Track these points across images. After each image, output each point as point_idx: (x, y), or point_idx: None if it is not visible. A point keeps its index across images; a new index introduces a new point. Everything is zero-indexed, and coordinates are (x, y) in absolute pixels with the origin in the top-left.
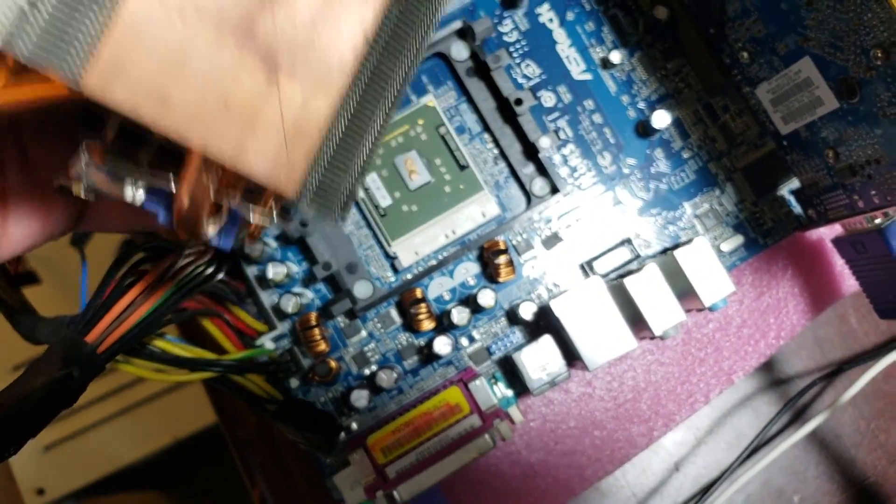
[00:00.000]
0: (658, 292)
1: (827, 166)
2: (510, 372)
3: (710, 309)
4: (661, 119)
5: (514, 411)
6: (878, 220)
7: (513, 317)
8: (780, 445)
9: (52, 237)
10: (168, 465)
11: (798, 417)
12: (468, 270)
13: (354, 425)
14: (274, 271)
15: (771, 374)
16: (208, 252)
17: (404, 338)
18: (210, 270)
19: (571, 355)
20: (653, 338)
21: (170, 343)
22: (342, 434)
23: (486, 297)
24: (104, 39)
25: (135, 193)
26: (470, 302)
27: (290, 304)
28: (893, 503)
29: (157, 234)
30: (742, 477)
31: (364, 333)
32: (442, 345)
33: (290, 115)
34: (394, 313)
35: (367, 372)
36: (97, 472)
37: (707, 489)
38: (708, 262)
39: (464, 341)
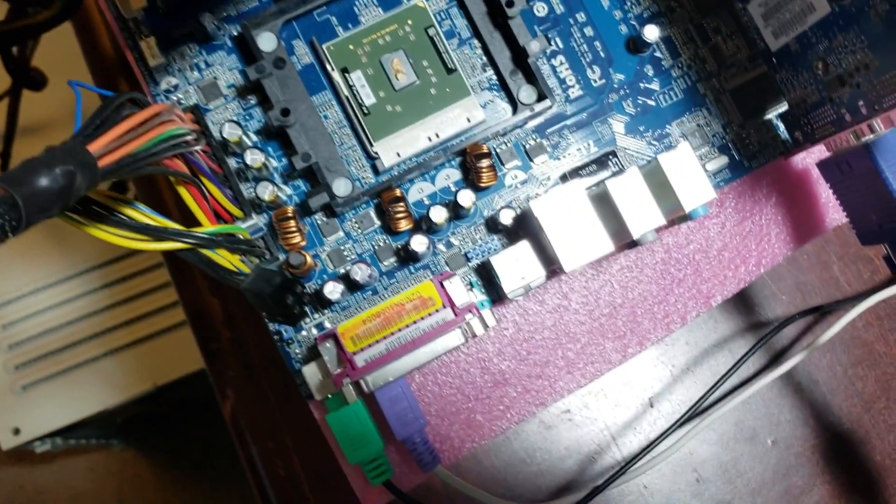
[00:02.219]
0: (638, 195)
1: (816, 80)
2: (487, 280)
3: (690, 216)
4: (652, 32)
5: (487, 314)
6: (866, 137)
7: (492, 225)
8: (754, 384)
9: None
10: (147, 422)
11: (775, 360)
12: (450, 177)
13: (328, 324)
14: (252, 157)
15: (750, 317)
16: (190, 121)
17: (382, 239)
18: (191, 137)
19: (549, 262)
20: (632, 245)
21: (139, 211)
22: (307, 308)
23: (465, 198)
24: None
25: None
26: (449, 207)
27: (266, 192)
28: (867, 450)
29: None
30: (715, 413)
31: (341, 233)
32: (418, 243)
33: None
34: (372, 214)
35: (342, 270)
36: (74, 415)
37: (678, 423)
38: (690, 168)
39: (441, 247)
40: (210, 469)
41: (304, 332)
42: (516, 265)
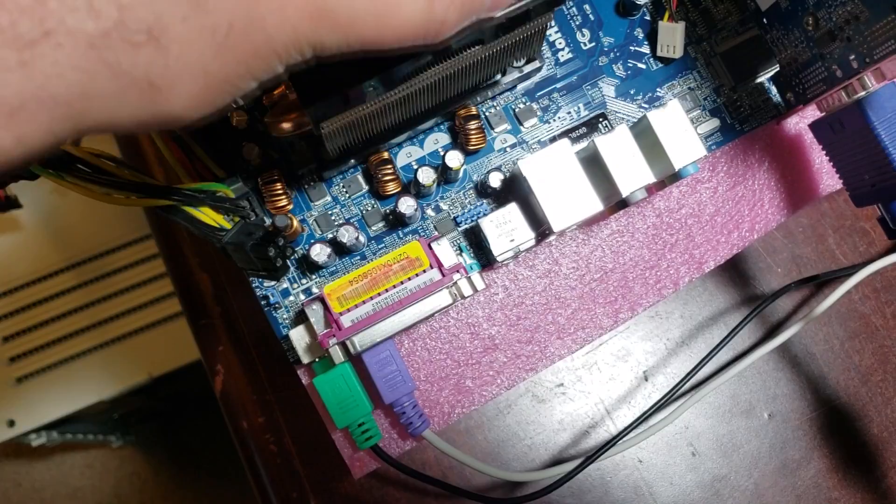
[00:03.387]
0: (628, 153)
1: (807, 37)
2: (476, 245)
3: (680, 174)
4: None
5: (476, 277)
6: (858, 94)
7: (482, 189)
8: (750, 356)
9: None
10: (145, 417)
11: (771, 333)
12: (438, 141)
13: (315, 289)
14: (237, 119)
15: (746, 290)
16: None
17: (370, 204)
18: None
19: (538, 224)
20: (622, 205)
21: (123, 169)
22: (290, 261)
23: (452, 158)
24: None
25: None
26: (438, 170)
27: (253, 153)
28: (864, 423)
29: None
30: (710, 386)
31: (329, 198)
32: (406, 205)
33: None
34: (360, 179)
35: (329, 235)
36: (70, 407)
37: (672, 395)
38: (680, 126)
39: (430, 212)
40: (208, 464)
41: (291, 297)
42: (505, 228)
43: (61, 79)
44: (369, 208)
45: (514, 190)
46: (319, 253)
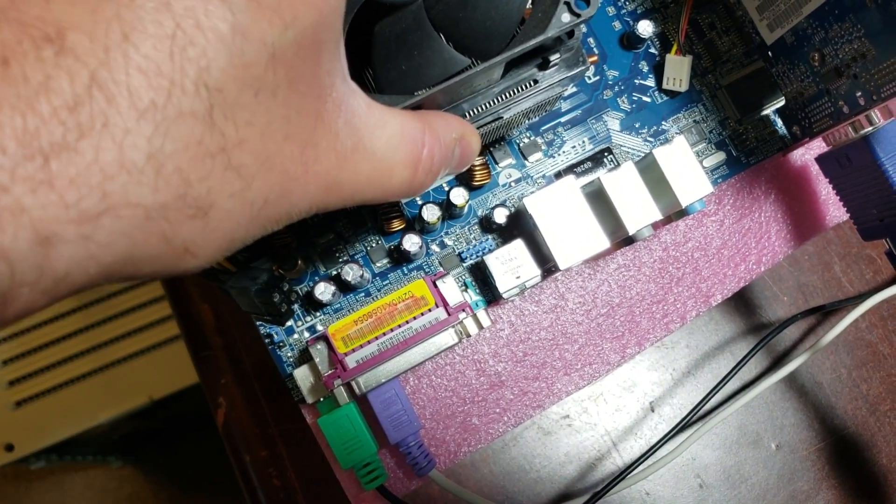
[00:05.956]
0: (634, 190)
1: (812, 72)
2: (482, 280)
3: (687, 211)
4: (646, 28)
5: (481, 314)
6: (865, 130)
7: (486, 225)
8: (757, 386)
9: None
10: (145, 438)
11: (778, 363)
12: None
13: (320, 326)
14: None
15: (752, 319)
16: None
17: (374, 240)
18: None
19: (543, 260)
20: (628, 242)
21: None
22: (295, 307)
23: (457, 196)
24: None
25: None
26: (442, 206)
27: None
28: (873, 453)
29: None
30: (717, 417)
31: (332, 235)
32: (410, 242)
33: None
34: (364, 214)
35: (334, 272)
36: (69, 431)
37: (679, 427)
38: (686, 162)
39: (435, 247)
40: (208, 485)
41: (295, 335)
42: (511, 264)
43: (111, 247)
44: (373, 245)
45: (520, 225)
46: (324, 291)
